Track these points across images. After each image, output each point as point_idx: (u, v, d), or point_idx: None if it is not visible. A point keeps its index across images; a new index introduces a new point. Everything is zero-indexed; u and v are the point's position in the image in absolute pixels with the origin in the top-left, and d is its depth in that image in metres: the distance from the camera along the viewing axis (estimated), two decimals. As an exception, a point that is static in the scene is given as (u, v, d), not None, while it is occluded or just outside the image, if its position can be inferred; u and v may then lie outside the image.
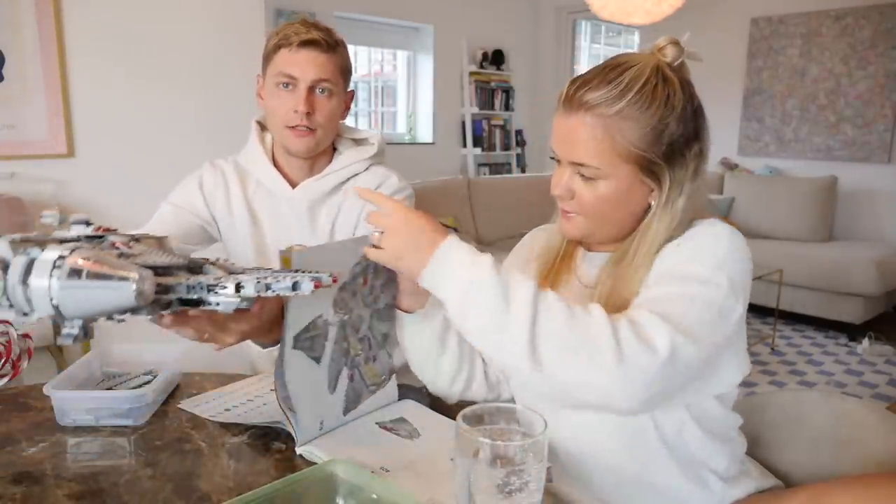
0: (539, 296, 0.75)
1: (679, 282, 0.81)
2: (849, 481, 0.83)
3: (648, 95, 0.84)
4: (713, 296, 0.80)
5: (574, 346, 0.72)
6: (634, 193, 0.88)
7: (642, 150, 0.84)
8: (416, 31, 5.37)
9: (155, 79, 2.61)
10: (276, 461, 0.87)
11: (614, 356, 0.71)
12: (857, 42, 4.33)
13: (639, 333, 0.74)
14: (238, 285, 0.71)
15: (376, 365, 1.00)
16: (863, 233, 4.42)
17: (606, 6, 3.52)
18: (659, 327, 0.75)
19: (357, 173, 1.34)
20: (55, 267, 0.64)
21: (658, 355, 0.73)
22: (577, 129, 0.86)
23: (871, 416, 1.00)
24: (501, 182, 4.78)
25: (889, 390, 3.12)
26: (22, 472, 0.83)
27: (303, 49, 1.22)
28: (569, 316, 0.74)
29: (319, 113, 1.25)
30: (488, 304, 0.74)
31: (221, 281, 0.72)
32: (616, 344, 0.72)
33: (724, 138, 5.03)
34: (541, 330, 0.73)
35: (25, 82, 2.36)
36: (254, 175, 1.35)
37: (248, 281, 0.71)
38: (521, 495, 0.62)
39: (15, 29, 2.32)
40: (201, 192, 1.34)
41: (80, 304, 0.65)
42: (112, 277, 0.65)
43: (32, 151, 2.40)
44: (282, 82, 1.24)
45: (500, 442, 0.62)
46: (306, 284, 0.71)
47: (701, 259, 0.83)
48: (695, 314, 0.78)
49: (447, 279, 0.77)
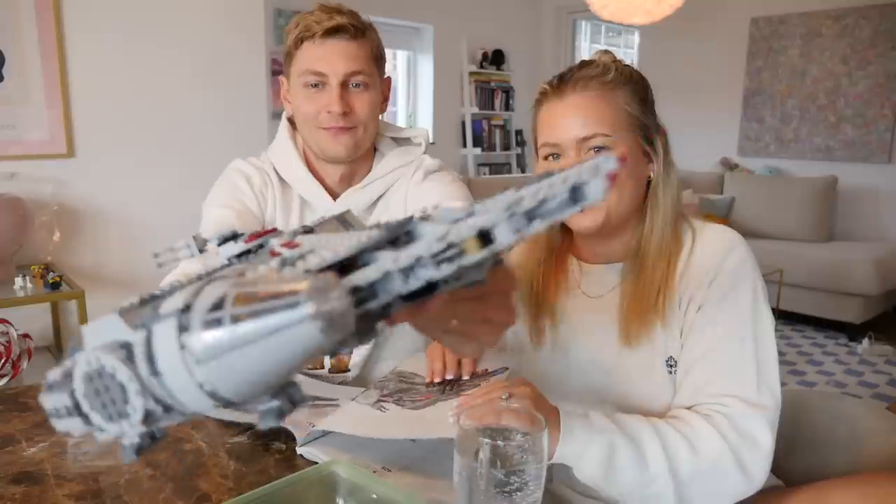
0: (665, 442, 0.80)
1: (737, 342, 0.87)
2: (848, 480, 0.83)
3: (625, 71, 0.93)
4: (765, 339, 0.89)
5: (709, 482, 0.81)
6: (639, 164, 0.92)
7: (639, 114, 0.91)
8: (416, 31, 5.37)
9: (155, 79, 2.61)
10: (276, 461, 0.87)
11: (741, 480, 0.81)
12: (857, 42, 4.33)
13: (744, 438, 0.82)
14: (483, 234, 0.36)
15: None
16: (863, 233, 4.42)
17: (607, 6, 3.52)
18: (755, 420, 0.83)
19: (401, 178, 1.19)
20: (182, 331, 0.34)
21: (765, 449, 0.83)
22: (579, 104, 0.90)
23: (871, 416, 1.00)
24: (501, 182, 4.77)
25: (889, 390, 3.12)
26: (22, 472, 0.83)
27: (329, 39, 1.07)
28: (692, 451, 0.80)
29: (358, 110, 1.10)
30: (630, 466, 0.79)
31: (449, 236, 0.36)
32: (740, 468, 0.81)
33: (724, 138, 5.03)
34: (679, 476, 0.80)
35: (25, 82, 2.36)
36: (292, 185, 1.19)
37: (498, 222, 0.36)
38: (521, 495, 0.62)
39: (15, 29, 2.32)
40: (252, 191, 1.16)
41: (241, 373, 0.34)
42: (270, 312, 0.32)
43: (32, 151, 2.40)
44: (310, 82, 1.09)
45: (500, 442, 0.62)
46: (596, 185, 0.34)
47: (742, 303, 0.89)
48: (768, 372, 0.87)
49: (584, 455, 0.78)
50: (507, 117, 6.03)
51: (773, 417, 0.85)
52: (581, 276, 0.99)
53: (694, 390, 0.87)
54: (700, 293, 0.89)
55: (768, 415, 0.84)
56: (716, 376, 0.86)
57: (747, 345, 0.87)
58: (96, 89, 2.50)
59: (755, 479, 0.82)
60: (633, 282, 0.92)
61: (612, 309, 0.94)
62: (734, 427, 0.82)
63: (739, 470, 0.81)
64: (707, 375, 0.87)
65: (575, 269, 1.00)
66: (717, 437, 0.81)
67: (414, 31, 5.37)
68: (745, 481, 0.81)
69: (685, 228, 0.94)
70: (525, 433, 0.65)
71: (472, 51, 5.61)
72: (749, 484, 0.82)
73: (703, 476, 0.80)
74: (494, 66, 5.77)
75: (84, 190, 2.51)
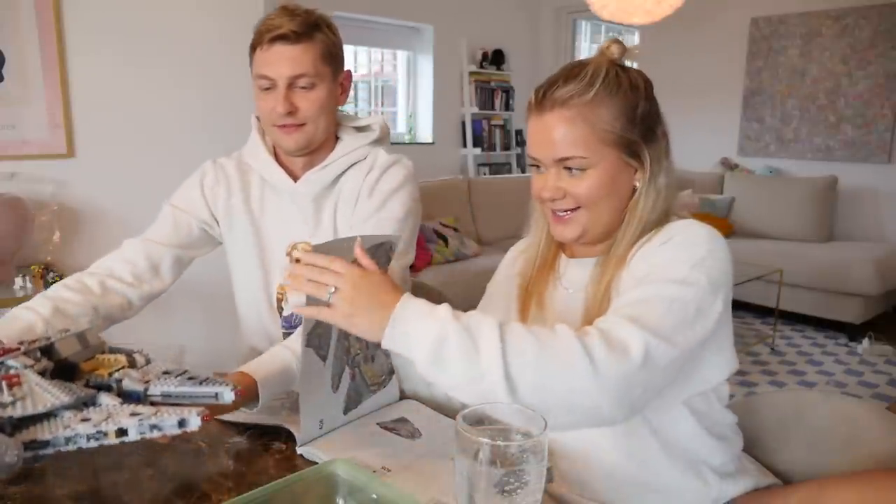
0: (505, 334, 0.74)
1: (656, 284, 0.83)
2: (847, 479, 0.84)
3: (613, 81, 0.88)
4: (691, 295, 0.81)
5: (549, 373, 0.73)
6: (621, 177, 0.90)
7: (621, 132, 0.88)
8: (416, 31, 5.37)
9: (155, 79, 2.61)
10: (276, 461, 0.87)
11: (589, 371, 0.72)
12: (857, 42, 4.33)
13: (610, 342, 0.75)
14: (120, 430, 0.72)
15: (374, 365, 1.00)
16: (863, 233, 4.41)
17: (606, 6, 3.52)
18: (631, 332, 0.76)
19: (358, 160, 1.28)
20: None
21: (632, 360, 0.74)
22: (555, 125, 0.88)
23: (871, 416, 1.00)
24: (501, 182, 4.78)
25: (889, 390, 3.12)
26: (22, 472, 0.83)
27: (273, 45, 1.16)
28: (537, 345, 0.74)
29: (304, 108, 1.19)
30: (459, 356, 0.73)
31: (101, 426, 0.72)
32: (588, 358, 0.73)
33: (724, 138, 5.03)
34: (514, 369, 0.73)
35: (25, 82, 2.36)
36: (256, 171, 1.31)
37: (132, 426, 0.72)
38: (521, 495, 0.62)
39: (15, 29, 2.32)
40: (202, 192, 1.31)
41: None
42: None
43: (32, 151, 2.40)
44: (262, 85, 1.19)
45: (500, 442, 0.62)
46: (194, 420, 0.74)
47: (679, 259, 0.85)
48: (671, 315, 0.79)
49: (411, 340, 0.75)
50: (507, 117, 6.03)
51: (662, 344, 0.76)
52: (566, 269, 1.01)
53: None
54: (644, 261, 0.87)
55: (651, 336, 0.75)
56: (625, 304, 0.82)
57: (672, 287, 0.81)
58: (96, 89, 2.50)
59: (608, 378, 0.72)
60: (594, 284, 0.92)
61: (583, 306, 0.94)
62: (599, 330, 0.76)
63: (589, 367, 0.72)
64: (617, 303, 0.83)
65: (562, 261, 1.02)
66: (570, 334, 0.75)
67: (414, 31, 5.37)
68: (593, 379, 0.72)
69: (664, 228, 0.91)
70: (525, 433, 0.65)
71: (472, 51, 5.61)
72: (599, 383, 0.72)
73: (542, 368, 0.73)
74: (494, 66, 5.77)
75: (84, 190, 2.51)
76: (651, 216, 0.91)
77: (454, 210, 4.20)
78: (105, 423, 0.72)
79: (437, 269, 3.64)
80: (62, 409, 0.74)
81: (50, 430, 0.72)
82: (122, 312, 1.19)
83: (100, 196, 2.54)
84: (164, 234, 1.27)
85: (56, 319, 1.06)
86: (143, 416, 0.74)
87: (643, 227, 0.91)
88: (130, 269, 1.21)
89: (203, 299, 2.25)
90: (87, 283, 1.16)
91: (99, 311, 1.14)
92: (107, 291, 1.17)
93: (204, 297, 2.18)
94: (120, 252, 1.24)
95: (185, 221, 1.29)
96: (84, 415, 0.74)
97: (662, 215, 0.92)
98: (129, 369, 0.86)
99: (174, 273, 1.27)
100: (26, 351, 0.83)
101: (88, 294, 1.14)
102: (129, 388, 0.82)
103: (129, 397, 0.81)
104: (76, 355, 0.90)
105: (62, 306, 1.09)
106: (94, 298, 1.14)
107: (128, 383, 0.82)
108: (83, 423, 0.72)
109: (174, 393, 0.82)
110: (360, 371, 0.98)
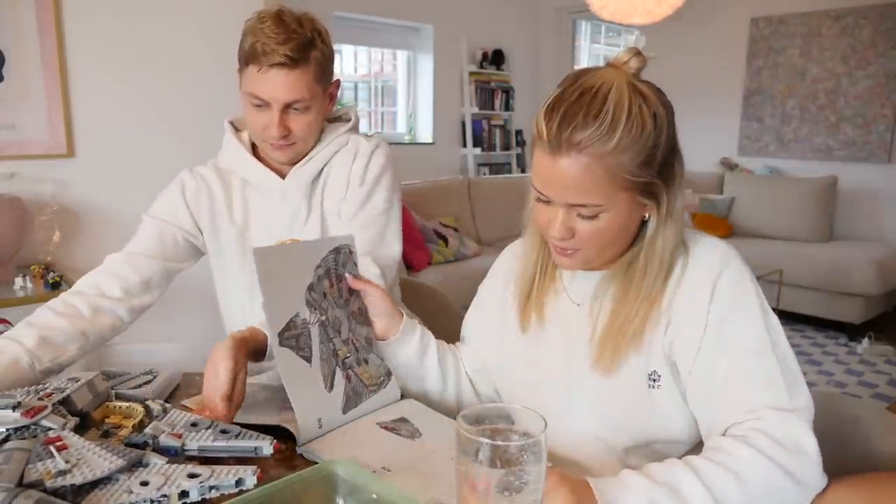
0: (705, 480, 0.74)
1: (756, 357, 0.83)
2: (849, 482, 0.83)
3: (637, 121, 0.80)
4: (781, 346, 0.85)
5: None
6: (634, 215, 0.87)
7: (639, 177, 0.82)
8: (416, 31, 5.37)
9: (155, 79, 2.61)
10: (276, 461, 0.87)
11: (794, 487, 0.77)
12: (857, 42, 4.33)
13: (787, 447, 0.77)
14: (183, 492, 0.73)
15: (370, 367, 1.00)
16: (863, 233, 4.42)
17: (607, 6, 3.52)
18: (795, 425, 0.79)
19: (340, 147, 1.29)
20: None
21: (810, 450, 0.78)
22: (571, 171, 0.81)
23: (871, 416, 1.00)
24: (501, 182, 4.78)
25: (889, 390, 3.12)
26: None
27: (271, 70, 1.14)
28: (738, 485, 0.75)
29: (297, 129, 1.20)
30: None
31: (164, 490, 0.72)
32: (788, 476, 0.76)
33: (724, 138, 5.04)
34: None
35: (25, 82, 2.36)
36: (238, 175, 1.30)
37: (193, 488, 0.73)
38: (520, 495, 0.62)
39: (15, 29, 2.32)
40: (184, 201, 1.28)
41: None
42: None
43: (32, 151, 2.40)
44: (255, 103, 1.18)
45: (500, 442, 0.62)
46: (249, 479, 0.76)
47: (748, 304, 0.85)
48: (789, 375, 0.83)
49: None
50: (507, 117, 6.03)
51: (810, 417, 0.81)
52: (571, 281, 0.98)
53: (726, 412, 0.83)
54: (700, 315, 0.85)
55: (805, 415, 0.81)
56: (745, 393, 0.82)
57: (768, 353, 0.83)
58: (96, 89, 2.50)
59: (810, 485, 0.78)
60: (612, 311, 0.90)
61: (590, 322, 0.93)
62: (774, 440, 0.78)
63: (792, 482, 0.76)
64: (736, 395, 0.82)
65: (567, 274, 0.99)
66: (759, 457, 0.76)
67: (414, 31, 5.37)
68: (800, 491, 0.77)
69: (680, 252, 0.90)
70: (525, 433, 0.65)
71: (472, 51, 5.61)
72: (805, 492, 0.78)
73: (757, 502, 0.76)
74: (494, 66, 5.77)
75: (84, 190, 2.51)
76: (672, 244, 0.88)
77: (454, 210, 4.20)
78: (167, 487, 0.72)
79: (437, 269, 3.64)
80: (117, 472, 0.74)
81: (112, 495, 0.71)
82: (113, 332, 1.17)
83: (100, 196, 2.54)
84: (150, 247, 1.24)
85: (42, 350, 1.03)
86: (202, 477, 0.75)
87: (668, 255, 0.88)
88: (120, 285, 1.18)
89: (201, 299, 2.25)
90: (76, 306, 1.12)
91: (88, 337, 1.11)
92: (97, 313, 1.14)
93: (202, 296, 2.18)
94: (106, 267, 1.21)
95: (170, 233, 1.26)
96: (141, 477, 0.74)
97: (678, 238, 0.89)
98: (157, 423, 0.87)
99: (162, 287, 1.25)
100: (52, 408, 0.84)
101: (77, 318, 1.11)
102: (165, 444, 0.83)
103: (167, 453, 0.82)
104: (88, 405, 0.92)
105: (48, 335, 1.05)
106: (83, 323, 1.11)
107: (164, 440, 0.83)
108: (144, 488, 0.72)
109: (211, 448, 0.83)
110: (355, 373, 0.98)
